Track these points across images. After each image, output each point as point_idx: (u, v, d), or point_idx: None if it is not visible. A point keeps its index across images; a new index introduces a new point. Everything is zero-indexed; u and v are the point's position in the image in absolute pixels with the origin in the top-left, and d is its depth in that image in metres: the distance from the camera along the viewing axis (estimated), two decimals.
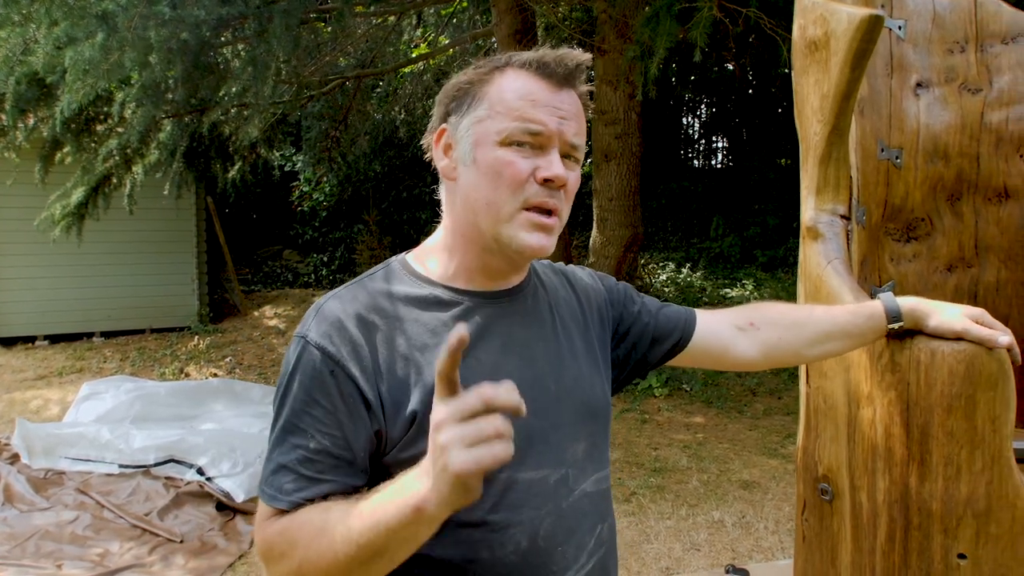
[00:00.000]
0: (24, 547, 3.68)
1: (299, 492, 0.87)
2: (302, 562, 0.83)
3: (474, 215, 0.96)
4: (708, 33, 3.54)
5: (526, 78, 0.94)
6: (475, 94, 0.96)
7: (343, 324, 0.92)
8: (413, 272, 1.01)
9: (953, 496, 1.30)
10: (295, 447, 0.89)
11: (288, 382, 0.91)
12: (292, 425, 0.90)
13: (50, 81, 4.81)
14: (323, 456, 0.88)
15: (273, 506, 0.89)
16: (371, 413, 0.90)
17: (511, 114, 0.92)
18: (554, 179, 0.92)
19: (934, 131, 1.91)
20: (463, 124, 0.96)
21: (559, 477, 0.98)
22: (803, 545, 1.70)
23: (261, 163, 8.15)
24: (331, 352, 0.90)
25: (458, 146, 0.97)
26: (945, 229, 1.93)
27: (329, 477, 0.88)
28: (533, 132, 0.92)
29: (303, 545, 0.83)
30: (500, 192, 0.93)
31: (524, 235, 0.93)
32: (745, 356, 1.25)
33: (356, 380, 0.89)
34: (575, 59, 0.95)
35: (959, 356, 1.26)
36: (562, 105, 0.94)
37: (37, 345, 7.92)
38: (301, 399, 0.89)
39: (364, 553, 0.78)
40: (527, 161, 0.93)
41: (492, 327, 0.98)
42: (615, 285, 1.24)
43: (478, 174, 0.95)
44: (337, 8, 4.47)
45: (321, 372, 0.89)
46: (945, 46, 1.93)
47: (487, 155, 0.93)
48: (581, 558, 1.00)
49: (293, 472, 0.88)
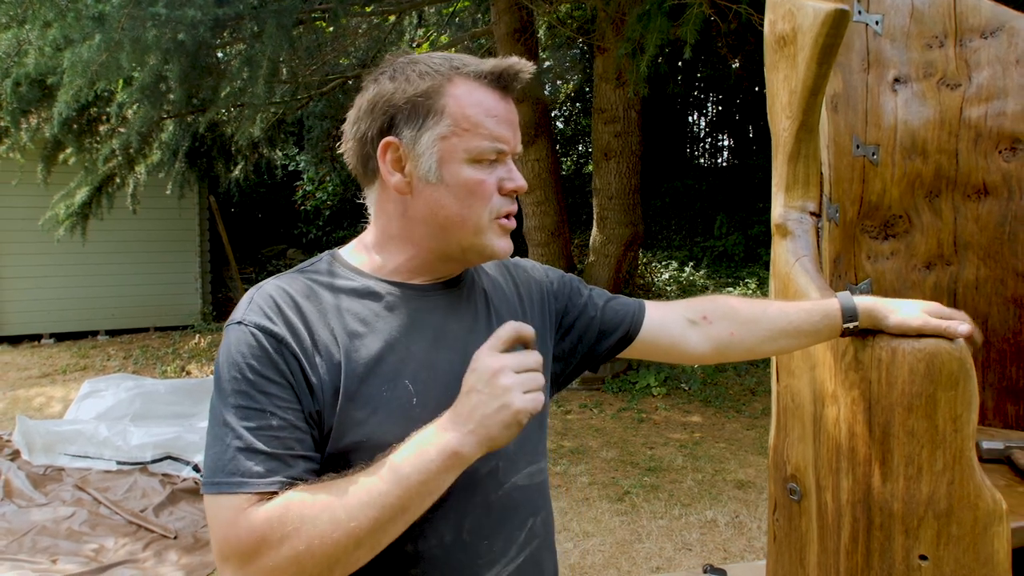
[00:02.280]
0: (21, 542, 3.71)
1: (275, 474, 0.83)
2: (311, 541, 0.79)
3: (441, 230, 0.97)
4: (699, 30, 3.53)
5: (482, 91, 0.96)
6: (430, 108, 0.94)
7: (280, 307, 0.91)
8: (347, 265, 1.02)
9: (914, 496, 1.28)
10: (253, 429, 0.84)
11: (231, 369, 0.87)
12: (245, 410, 0.85)
13: (51, 82, 4.85)
14: (289, 430, 0.85)
15: (243, 492, 0.82)
16: (313, 394, 0.88)
17: (478, 132, 0.94)
18: (519, 190, 0.99)
19: (912, 127, 1.89)
20: (423, 140, 0.95)
21: (488, 470, 0.97)
22: (774, 545, 1.69)
23: (264, 163, 8.18)
24: (275, 331, 0.88)
25: (418, 162, 0.95)
26: (923, 226, 1.91)
27: (300, 451, 0.86)
28: (500, 151, 0.96)
29: (311, 521, 0.79)
30: (475, 209, 0.96)
31: (498, 241, 0.99)
32: (695, 351, 1.24)
33: (299, 359, 0.88)
34: (522, 68, 0.97)
35: (919, 354, 1.24)
36: (510, 115, 0.98)
37: (42, 343, 8.00)
38: (250, 380, 0.86)
39: (388, 513, 0.81)
40: (493, 176, 0.97)
41: (424, 319, 0.98)
42: (561, 277, 1.24)
43: (447, 192, 0.95)
44: (332, 8, 4.48)
45: (267, 349, 0.87)
46: (924, 41, 1.91)
47: (457, 173, 0.95)
48: (510, 551, 0.99)
49: (259, 454, 0.83)
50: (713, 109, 14.08)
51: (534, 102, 6.22)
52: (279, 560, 0.79)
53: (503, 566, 0.98)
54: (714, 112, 14.10)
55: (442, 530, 0.93)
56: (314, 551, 0.79)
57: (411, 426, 0.88)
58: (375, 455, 0.86)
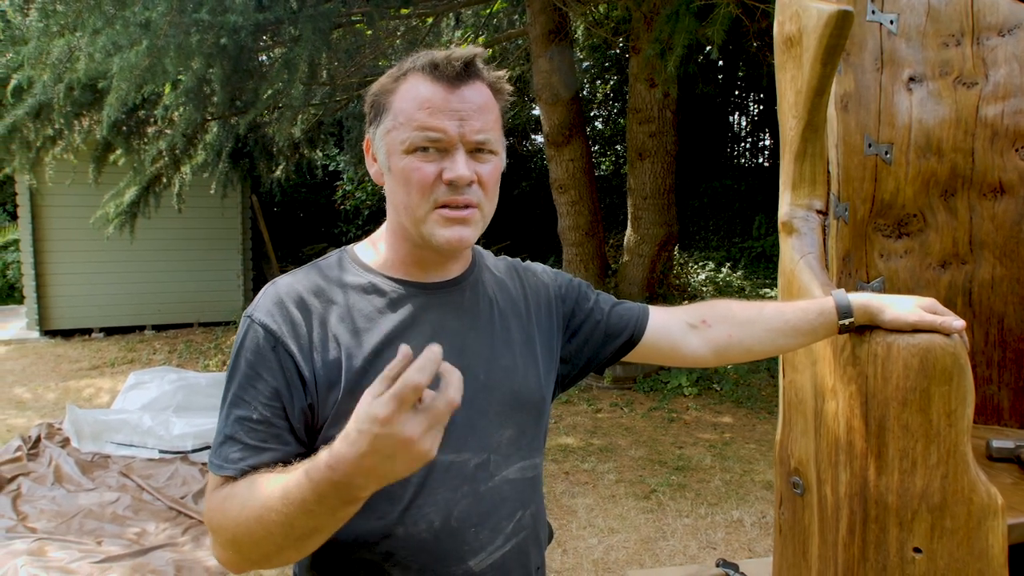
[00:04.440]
0: (69, 524, 3.89)
1: (244, 460, 0.92)
2: (236, 528, 0.87)
3: (399, 216, 1.03)
4: (729, 30, 3.53)
5: (422, 83, 0.97)
6: (383, 104, 1.01)
7: (284, 304, 0.99)
8: (357, 260, 1.08)
9: (908, 489, 1.30)
10: (240, 419, 0.94)
11: (236, 359, 0.98)
12: (238, 399, 0.95)
13: (101, 86, 5.06)
14: (265, 426, 0.94)
15: (220, 475, 0.93)
16: (306, 388, 0.95)
17: (411, 123, 0.97)
18: (456, 180, 0.96)
19: (927, 126, 1.89)
20: (378, 135, 1.02)
21: (480, 462, 1.02)
22: (779, 538, 1.71)
23: (305, 163, 8.37)
24: (273, 329, 0.96)
25: (378, 155, 1.04)
26: (938, 225, 1.90)
27: (271, 445, 0.93)
28: (433, 139, 0.96)
29: (233, 516, 0.87)
30: (412, 196, 0.98)
31: (440, 231, 0.98)
32: (695, 354, 1.27)
33: (294, 356, 0.95)
34: (463, 56, 0.97)
35: (913, 350, 1.26)
36: (461, 105, 0.96)
37: (93, 337, 8.31)
38: (246, 374, 0.96)
39: (274, 527, 0.83)
40: (433, 165, 0.97)
41: (424, 316, 1.03)
42: (569, 282, 1.27)
43: (394, 181, 1.01)
44: (368, 12, 4.58)
45: (264, 348, 0.96)
46: (940, 39, 1.90)
47: (397, 164, 0.99)
48: (497, 540, 1.03)
49: (239, 442, 0.93)
50: (754, 108, 13.91)
51: (569, 102, 6.25)
52: (226, 538, 0.89)
53: (488, 554, 1.03)
54: (755, 111, 13.92)
55: (431, 516, 0.99)
56: (239, 537, 0.87)
57: None
58: None
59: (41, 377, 6.80)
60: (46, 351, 7.73)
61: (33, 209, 8.03)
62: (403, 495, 0.97)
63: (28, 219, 8.03)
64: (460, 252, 1.05)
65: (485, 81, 1.01)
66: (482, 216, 1.02)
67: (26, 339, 8.18)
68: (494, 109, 1.02)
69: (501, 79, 1.04)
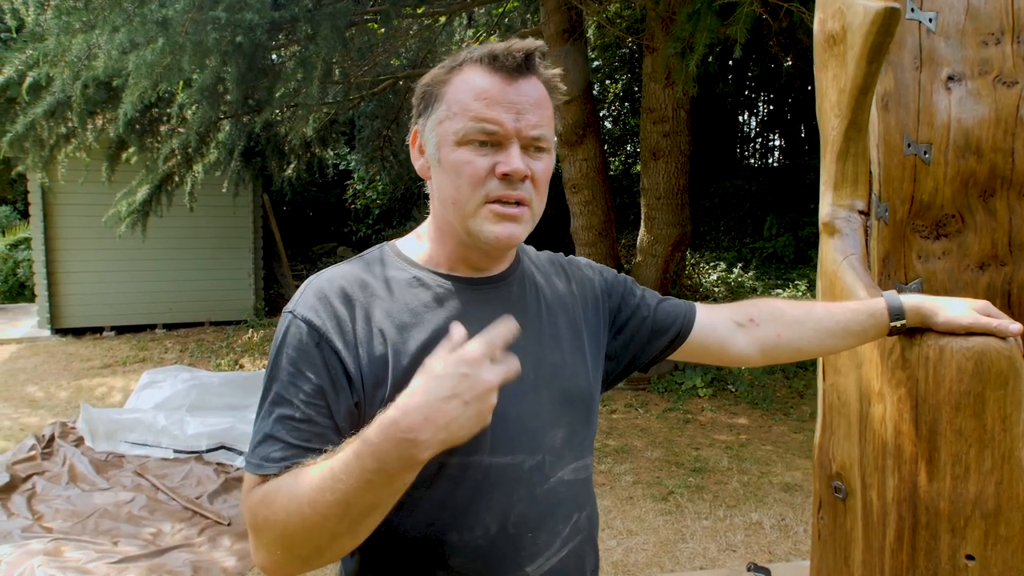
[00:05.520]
0: (85, 524, 3.89)
1: (286, 461, 0.89)
2: (286, 525, 0.83)
3: (446, 211, 1.00)
4: (749, 29, 3.50)
5: (480, 75, 0.95)
6: (436, 95, 0.99)
7: (328, 299, 0.95)
8: (401, 255, 1.05)
9: (961, 495, 1.27)
10: (282, 418, 0.91)
11: (276, 356, 0.94)
12: (279, 397, 0.92)
13: (116, 84, 5.06)
14: (309, 425, 0.90)
15: (259, 474, 0.90)
16: (352, 386, 0.92)
17: (466, 114, 0.94)
18: (511, 173, 0.93)
19: (966, 125, 1.86)
20: (428, 125, 1.00)
21: (534, 463, 0.99)
22: (818, 543, 1.69)
23: (316, 162, 8.37)
24: (317, 325, 0.93)
25: (427, 147, 1.01)
26: (977, 226, 1.87)
27: (315, 445, 0.89)
28: (489, 132, 0.93)
29: (282, 506, 0.83)
30: (462, 190, 0.95)
31: (489, 227, 0.95)
32: (743, 353, 1.24)
33: (339, 353, 0.92)
34: (524, 48, 0.95)
35: (967, 353, 1.24)
36: (518, 98, 0.94)
37: (104, 336, 8.32)
38: (288, 371, 0.92)
39: (334, 507, 0.80)
40: (486, 158, 0.94)
41: (471, 312, 1.00)
42: (615, 277, 1.24)
43: (443, 173, 0.98)
44: (385, 10, 4.57)
45: (307, 344, 0.92)
46: (979, 38, 1.87)
47: (448, 156, 0.96)
48: (554, 545, 1.00)
49: (280, 441, 0.90)
50: (764, 109, 13.87)
51: (583, 102, 6.23)
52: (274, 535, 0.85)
53: (546, 559, 1.00)
54: (765, 112, 13.88)
55: (487, 521, 0.95)
56: (290, 528, 0.83)
57: None
58: None
59: (53, 376, 6.81)
60: (57, 349, 7.74)
61: (45, 207, 8.05)
62: (457, 500, 0.94)
63: (40, 217, 8.04)
64: (508, 251, 1.03)
65: (542, 77, 0.99)
66: (532, 215, 0.99)
67: (37, 337, 8.20)
68: (549, 106, 0.99)
69: (556, 77, 1.01)
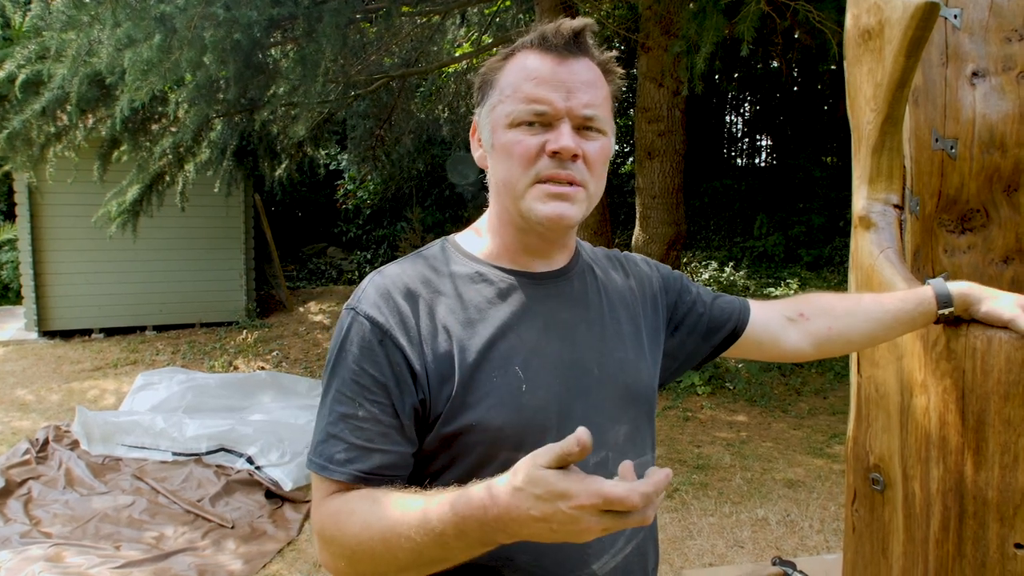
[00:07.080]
0: (85, 529, 3.83)
1: (352, 464, 0.89)
2: (355, 550, 0.85)
3: (500, 196, 1.00)
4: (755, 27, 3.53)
5: (531, 57, 0.95)
6: (491, 82, 0.99)
7: (391, 296, 0.94)
8: (461, 250, 1.04)
9: (1010, 484, 1.28)
10: (344, 416, 0.90)
11: (338, 353, 0.93)
12: (341, 394, 0.91)
13: (109, 82, 4.99)
14: (372, 423, 0.90)
15: (324, 476, 0.90)
16: (417, 383, 0.91)
17: (516, 96, 0.94)
18: (561, 151, 0.92)
19: (990, 121, 1.88)
20: (483, 113, 1.00)
21: (598, 460, 0.98)
22: (853, 536, 1.69)
23: (307, 162, 8.30)
24: (380, 322, 0.92)
25: (483, 135, 1.01)
26: (1001, 220, 1.89)
27: (379, 445, 0.89)
28: (538, 112, 0.93)
29: (354, 533, 0.85)
30: (513, 171, 0.95)
31: (539, 206, 0.94)
32: (796, 347, 1.24)
33: (404, 350, 0.91)
34: (572, 26, 0.95)
35: (1017, 343, 1.25)
36: (568, 77, 0.93)
37: (93, 338, 8.20)
38: (351, 368, 0.91)
39: (406, 554, 0.81)
40: (536, 138, 0.93)
41: (535, 307, 0.99)
42: (671, 273, 1.24)
43: (496, 157, 0.98)
44: (384, 8, 4.54)
45: (371, 342, 0.91)
46: (1003, 34, 1.90)
47: (500, 139, 0.96)
48: (618, 542, 1.00)
49: (343, 441, 0.89)
50: (750, 109, 13.97)
51: None
52: (341, 552, 0.87)
53: (611, 556, 0.99)
54: (751, 112, 13.98)
55: None
56: (358, 554, 0.85)
57: (520, 411, 0.92)
58: (484, 438, 0.91)
59: (43, 379, 6.70)
60: (46, 352, 7.62)
61: (32, 208, 7.92)
62: None
63: (27, 218, 7.91)
64: (562, 232, 1.01)
65: (596, 60, 0.99)
66: (587, 196, 0.97)
67: (24, 340, 8.07)
68: (604, 88, 0.99)
69: (612, 61, 1.01)
